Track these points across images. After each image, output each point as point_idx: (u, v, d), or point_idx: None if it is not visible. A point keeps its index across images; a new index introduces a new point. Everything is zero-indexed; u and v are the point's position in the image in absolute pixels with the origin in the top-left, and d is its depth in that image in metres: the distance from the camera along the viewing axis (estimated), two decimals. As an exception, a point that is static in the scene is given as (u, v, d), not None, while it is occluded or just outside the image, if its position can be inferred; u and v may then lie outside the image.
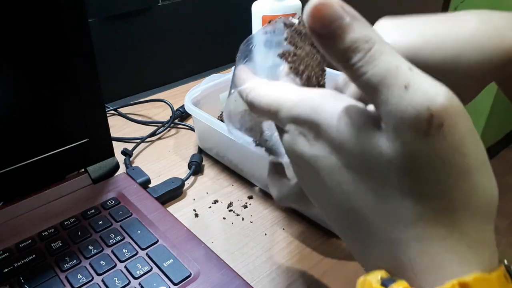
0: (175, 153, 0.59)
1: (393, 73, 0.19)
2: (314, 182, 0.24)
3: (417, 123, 0.18)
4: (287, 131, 0.25)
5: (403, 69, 0.19)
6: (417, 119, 0.18)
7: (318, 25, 0.20)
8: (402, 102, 0.19)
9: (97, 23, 0.71)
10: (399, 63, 0.19)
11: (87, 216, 0.43)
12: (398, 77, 0.19)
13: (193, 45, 0.86)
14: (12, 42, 0.38)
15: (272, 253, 0.42)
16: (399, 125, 0.19)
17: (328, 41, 0.20)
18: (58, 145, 0.45)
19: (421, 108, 0.18)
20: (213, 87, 0.58)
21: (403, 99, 0.18)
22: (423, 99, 0.18)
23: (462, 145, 0.19)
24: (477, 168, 0.20)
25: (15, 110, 0.41)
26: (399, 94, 0.19)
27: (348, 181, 0.22)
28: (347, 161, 0.21)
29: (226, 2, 0.87)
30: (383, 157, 0.20)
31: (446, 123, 0.18)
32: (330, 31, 0.20)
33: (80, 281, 0.36)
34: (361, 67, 0.19)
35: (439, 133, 0.18)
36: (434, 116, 0.18)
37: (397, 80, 0.19)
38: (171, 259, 0.38)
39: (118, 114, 0.67)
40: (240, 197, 0.50)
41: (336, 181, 0.22)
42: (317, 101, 0.23)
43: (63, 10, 0.40)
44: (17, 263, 0.38)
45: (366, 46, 0.19)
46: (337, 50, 0.20)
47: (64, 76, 0.43)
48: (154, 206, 0.44)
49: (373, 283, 0.20)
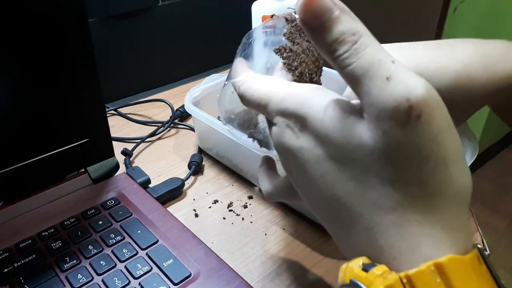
0: (175, 153, 0.59)
1: (376, 65, 0.20)
2: (300, 174, 0.25)
3: (396, 113, 0.19)
4: (275, 124, 0.26)
5: (386, 62, 0.20)
6: (397, 110, 0.19)
7: (309, 17, 0.21)
8: (383, 93, 0.20)
9: (97, 23, 0.71)
10: (382, 56, 0.20)
11: (87, 216, 0.43)
12: (380, 69, 0.20)
13: (193, 45, 0.86)
14: (12, 42, 0.38)
15: (272, 253, 0.42)
16: (380, 115, 0.20)
17: (318, 33, 0.21)
18: (58, 145, 0.45)
19: (401, 99, 0.19)
20: (213, 87, 0.58)
21: (384, 91, 0.20)
22: (403, 91, 0.19)
23: (440, 136, 0.20)
24: (453, 159, 0.21)
25: (15, 110, 0.41)
26: (380, 85, 0.20)
27: (331, 171, 0.23)
28: (331, 152, 0.22)
29: (226, 2, 0.87)
30: (364, 147, 0.21)
31: (424, 114, 0.19)
32: (320, 23, 0.21)
33: (80, 281, 0.36)
34: (346, 59, 0.21)
35: (417, 124, 0.19)
36: (413, 107, 0.19)
37: (379, 72, 0.20)
38: (171, 259, 0.38)
39: (118, 114, 0.67)
40: (240, 197, 0.50)
41: (320, 171, 0.23)
42: (305, 95, 0.24)
43: (63, 10, 0.40)
44: (17, 263, 0.38)
45: (352, 39, 0.20)
46: (325, 42, 0.21)
47: (64, 76, 0.43)
48: (154, 206, 0.44)
49: (355, 268, 0.21)
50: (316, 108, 0.23)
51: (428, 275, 0.19)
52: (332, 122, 0.22)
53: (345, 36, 0.20)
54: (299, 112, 0.24)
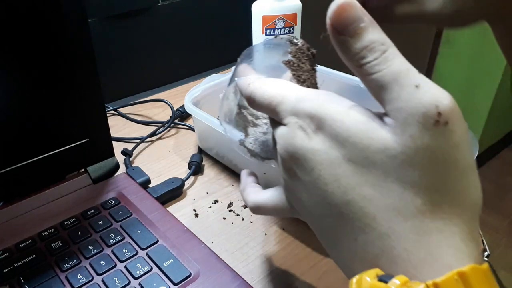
0: (175, 153, 0.59)
1: (405, 74, 0.21)
2: (308, 177, 0.24)
3: (426, 118, 0.20)
4: (285, 124, 0.26)
5: (414, 71, 0.21)
6: (426, 115, 0.20)
7: (340, 23, 0.22)
8: (413, 99, 0.20)
9: (97, 23, 0.71)
10: (409, 66, 0.21)
11: (87, 216, 0.43)
12: (409, 77, 0.21)
13: (193, 45, 0.86)
14: (12, 42, 0.38)
15: (272, 253, 0.42)
16: (408, 119, 0.20)
17: (346, 39, 0.22)
18: (58, 145, 0.45)
19: (430, 106, 0.20)
20: (213, 87, 0.58)
21: (414, 97, 0.20)
22: (432, 98, 0.20)
23: (462, 145, 0.21)
24: (471, 168, 0.21)
25: (15, 110, 0.41)
26: (410, 92, 0.20)
27: (347, 175, 0.22)
28: (350, 155, 0.22)
29: (226, 2, 0.87)
30: (388, 150, 0.21)
31: (450, 122, 0.20)
32: (350, 30, 0.22)
33: (80, 281, 0.36)
34: (375, 66, 0.21)
35: (444, 130, 0.20)
36: (442, 114, 0.20)
37: (409, 80, 0.21)
38: (171, 259, 0.38)
39: (118, 114, 0.67)
40: (240, 197, 0.50)
41: (334, 174, 0.23)
42: (323, 98, 0.24)
43: (63, 10, 0.40)
44: (17, 263, 0.38)
45: (382, 48, 0.21)
46: (353, 48, 0.22)
47: (64, 76, 0.43)
48: (154, 206, 0.45)
49: (371, 279, 0.21)
50: (335, 109, 0.23)
51: (454, 284, 0.19)
52: (355, 124, 0.22)
53: (374, 44, 0.21)
54: (317, 113, 0.24)
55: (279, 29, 0.61)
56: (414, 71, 0.21)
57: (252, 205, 0.32)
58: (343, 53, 0.23)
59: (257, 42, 0.36)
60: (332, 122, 0.23)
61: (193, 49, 0.86)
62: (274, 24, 0.61)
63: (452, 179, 0.21)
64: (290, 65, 0.29)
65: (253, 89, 0.28)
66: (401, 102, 0.21)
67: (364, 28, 0.22)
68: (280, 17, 0.61)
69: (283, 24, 0.61)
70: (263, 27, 0.61)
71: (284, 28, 0.61)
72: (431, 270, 0.20)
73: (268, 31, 0.61)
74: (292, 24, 0.61)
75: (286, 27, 0.61)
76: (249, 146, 0.34)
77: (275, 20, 0.61)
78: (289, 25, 0.61)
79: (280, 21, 0.61)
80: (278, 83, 0.27)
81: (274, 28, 0.61)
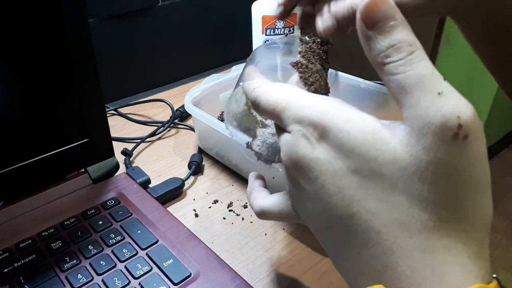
0: (175, 153, 0.59)
1: (429, 79, 0.20)
2: (311, 187, 0.24)
3: (444, 129, 0.19)
4: (289, 131, 0.25)
5: (439, 78, 0.20)
6: (445, 126, 0.19)
7: (371, 18, 0.21)
8: (432, 107, 0.19)
9: (97, 23, 0.71)
10: (435, 72, 0.20)
11: (87, 216, 0.43)
12: (433, 84, 0.20)
13: (193, 45, 0.86)
14: (12, 43, 0.38)
15: (272, 253, 0.42)
16: (425, 129, 0.19)
17: (374, 35, 0.21)
18: (58, 145, 0.45)
19: (450, 116, 0.19)
20: (213, 87, 0.58)
21: (435, 104, 0.19)
22: (454, 108, 0.19)
23: (478, 161, 0.20)
24: (484, 187, 0.20)
25: (15, 110, 0.41)
26: (431, 99, 0.19)
27: (352, 186, 0.22)
28: (356, 166, 0.21)
29: (226, 2, 0.87)
30: (397, 162, 0.20)
31: (471, 135, 0.19)
32: (380, 26, 0.21)
33: (80, 281, 0.36)
34: (399, 66, 0.20)
35: (463, 144, 0.19)
36: (463, 126, 0.19)
37: (432, 87, 0.19)
38: (171, 259, 0.38)
39: (118, 114, 0.67)
40: (240, 197, 0.50)
41: (338, 186, 0.22)
42: (328, 105, 0.23)
43: (63, 10, 0.40)
44: (17, 263, 0.38)
45: (408, 49, 0.20)
46: (380, 45, 0.21)
47: (64, 76, 0.43)
48: (154, 206, 0.44)
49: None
50: (341, 118, 0.22)
51: None
52: (362, 134, 0.21)
53: (402, 44, 0.20)
54: (320, 121, 0.23)
55: (279, 29, 0.61)
56: (439, 77, 0.20)
57: (258, 210, 0.31)
58: (368, 49, 0.22)
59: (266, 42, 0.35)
60: (337, 132, 0.22)
61: (193, 49, 0.86)
62: (274, 24, 0.61)
63: (463, 196, 0.20)
64: (298, 67, 0.28)
65: (258, 94, 0.27)
66: (420, 109, 0.19)
67: (394, 26, 0.21)
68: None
69: (283, 24, 0.61)
70: (263, 27, 0.61)
71: (284, 28, 0.61)
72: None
73: (268, 31, 0.61)
74: (292, 24, 0.61)
75: (286, 27, 0.61)
76: (256, 148, 0.33)
77: (275, 20, 0.61)
78: (289, 25, 0.61)
79: (280, 21, 0.61)
80: (283, 88, 0.26)
81: (274, 28, 0.61)
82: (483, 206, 0.20)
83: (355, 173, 0.21)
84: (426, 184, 0.20)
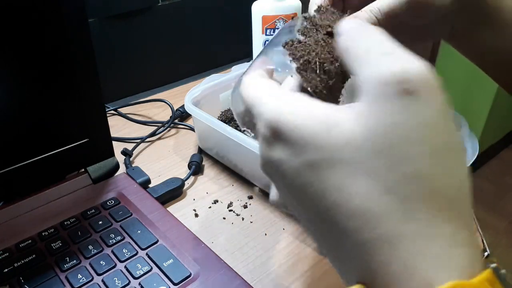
0: (175, 153, 0.59)
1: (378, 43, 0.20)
2: (281, 184, 0.22)
3: (392, 85, 0.18)
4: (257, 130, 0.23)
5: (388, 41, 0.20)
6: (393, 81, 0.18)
7: None
8: (380, 65, 0.19)
9: (97, 23, 0.71)
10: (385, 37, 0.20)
11: (87, 216, 0.43)
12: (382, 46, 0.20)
13: (193, 45, 0.86)
14: (12, 43, 0.38)
15: (272, 253, 0.42)
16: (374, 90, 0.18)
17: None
18: (58, 145, 0.45)
19: (398, 72, 0.18)
20: (213, 87, 0.58)
21: (382, 63, 0.19)
22: (402, 65, 0.18)
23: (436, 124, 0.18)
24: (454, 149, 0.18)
25: (15, 110, 0.41)
26: (379, 58, 0.19)
27: (315, 180, 0.20)
28: (313, 159, 0.20)
29: (226, 2, 0.87)
30: (352, 143, 0.19)
31: (422, 92, 0.18)
32: None
33: (80, 281, 0.36)
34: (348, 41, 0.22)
35: (411, 101, 0.18)
36: (412, 81, 0.18)
37: (380, 49, 0.20)
38: (171, 259, 0.38)
39: (118, 114, 0.67)
40: (240, 197, 0.50)
41: (302, 182, 0.20)
42: (282, 99, 0.22)
43: (63, 10, 0.40)
44: (17, 263, 0.38)
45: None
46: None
47: (64, 76, 0.43)
48: (154, 206, 0.44)
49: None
50: (290, 113, 0.21)
51: None
52: (311, 126, 0.20)
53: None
54: (272, 119, 0.21)
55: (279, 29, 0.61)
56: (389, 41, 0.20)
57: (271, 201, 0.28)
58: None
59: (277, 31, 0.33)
60: (286, 129, 0.20)
61: (193, 49, 0.86)
62: (274, 24, 0.61)
63: (425, 165, 0.17)
64: (288, 45, 0.27)
65: (241, 89, 0.25)
66: (369, 69, 0.19)
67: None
68: (280, 17, 0.61)
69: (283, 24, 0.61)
70: (263, 27, 0.61)
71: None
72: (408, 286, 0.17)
73: (268, 31, 0.61)
74: (292, 24, 0.61)
75: (286, 27, 0.61)
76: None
77: (275, 20, 0.61)
78: (289, 25, 0.61)
79: (280, 21, 0.61)
80: (258, 82, 0.25)
81: (274, 28, 0.61)
82: (451, 173, 0.18)
83: (315, 166, 0.19)
84: (382, 157, 0.18)
